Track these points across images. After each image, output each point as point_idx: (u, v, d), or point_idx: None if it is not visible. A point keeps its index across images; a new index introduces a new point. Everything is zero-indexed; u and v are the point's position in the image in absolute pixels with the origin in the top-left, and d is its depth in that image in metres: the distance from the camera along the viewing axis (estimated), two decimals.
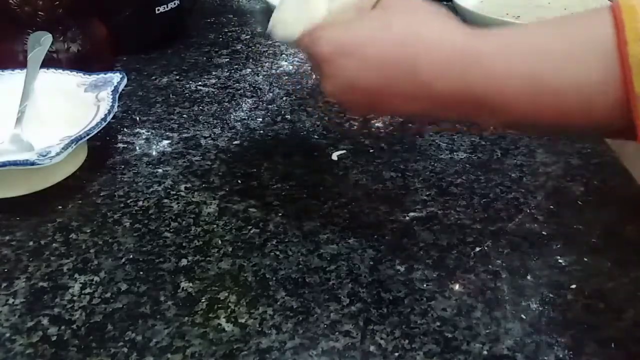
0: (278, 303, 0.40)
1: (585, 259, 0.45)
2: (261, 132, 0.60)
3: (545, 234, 0.47)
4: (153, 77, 0.71)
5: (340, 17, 0.40)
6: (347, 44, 0.39)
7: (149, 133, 0.59)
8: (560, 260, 0.44)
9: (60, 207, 0.48)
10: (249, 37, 0.84)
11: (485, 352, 0.37)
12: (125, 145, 0.57)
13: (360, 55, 0.39)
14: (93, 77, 0.56)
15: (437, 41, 0.38)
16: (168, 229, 0.46)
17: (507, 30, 0.38)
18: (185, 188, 0.51)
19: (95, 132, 0.48)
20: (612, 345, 0.38)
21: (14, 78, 0.57)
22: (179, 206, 0.49)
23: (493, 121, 0.39)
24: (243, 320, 0.38)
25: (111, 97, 0.53)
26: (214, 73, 0.72)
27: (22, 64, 0.58)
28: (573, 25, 0.36)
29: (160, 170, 0.53)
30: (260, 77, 0.72)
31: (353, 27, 0.40)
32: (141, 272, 0.42)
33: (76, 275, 0.42)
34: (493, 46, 0.36)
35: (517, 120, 0.37)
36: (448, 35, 0.38)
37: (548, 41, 0.35)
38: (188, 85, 0.69)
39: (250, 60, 0.76)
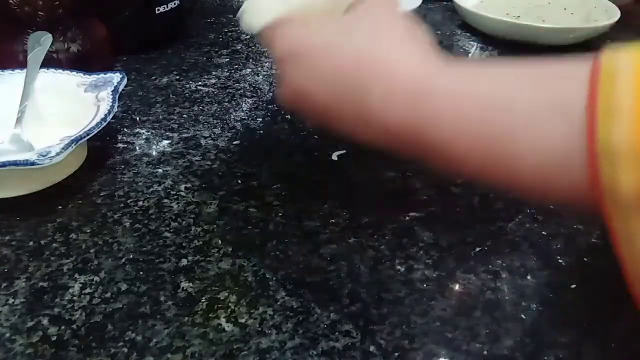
0: (278, 303, 0.40)
1: (585, 259, 0.45)
2: (261, 132, 0.60)
3: (545, 234, 0.47)
4: (153, 77, 0.71)
5: (310, 14, 0.37)
6: (301, 49, 0.36)
7: (149, 133, 0.59)
8: (560, 260, 0.44)
9: (60, 207, 0.48)
10: (249, 37, 0.84)
11: (485, 352, 0.37)
12: (125, 145, 0.57)
13: (312, 64, 0.36)
14: (93, 77, 0.57)
15: (393, 66, 0.33)
16: (168, 229, 0.46)
17: (474, 70, 0.33)
18: (185, 188, 0.51)
19: (95, 132, 0.48)
20: (612, 345, 0.38)
21: (14, 78, 0.57)
22: (179, 206, 0.49)
23: (448, 170, 0.34)
24: (243, 320, 0.38)
25: (111, 97, 0.53)
26: (214, 73, 0.72)
27: (22, 64, 0.58)
28: (543, 81, 0.30)
29: (160, 170, 0.53)
30: (260, 77, 0.72)
31: (314, 30, 0.36)
32: (141, 272, 0.42)
33: (76, 275, 0.42)
34: (451, 87, 0.32)
35: (472, 175, 0.33)
36: (408, 61, 0.33)
37: (511, 94, 0.30)
38: (188, 85, 0.69)
39: (250, 60, 0.76)
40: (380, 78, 0.33)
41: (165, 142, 0.58)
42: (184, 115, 0.63)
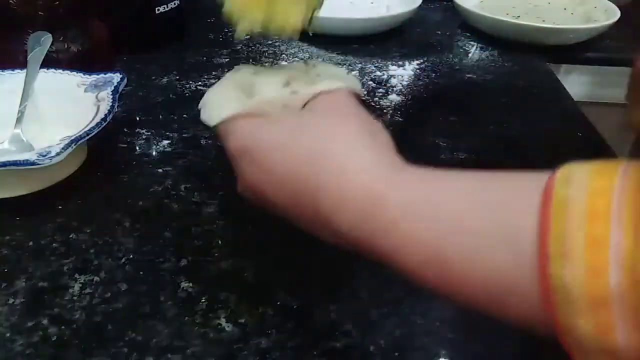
0: (278, 303, 0.40)
1: None
2: None
3: None
4: (153, 77, 0.71)
5: (269, 110, 0.37)
6: (253, 148, 0.35)
7: (149, 133, 0.59)
8: None
9: (60, 207, 0.48)
10: (248, 37, 0.84)
11: (485, 352, 0.37)
12: (125, 145, 0.57)
13: (264, 164, 0.35)
14: (93, 77, 0.56)
15: (344, 172, 0.32)
16: (168, 229, 0.46)
17: (427, 183, 0.32)
18: (185, 188, 0.51)
19: (95, 132, 0.48)
20: None
21: (14, 78, 0.57)
22: (179, 206, 0.49)
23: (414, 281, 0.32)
24: (243, 320, 0.38)
25: (111, 97, 0.53)
26: (214, 73, 0.72)
27: (22, 64, 0.58)
28: (494, 203, 0.28)
29: (160, 170, 0.53)
30: None
31: (266, 129, 0.35)
32: (141, 272, 0.42)
33: (76, 275, 0.42)
34: (402, 202, 0.30)
35: (429, 288, 0.31)
36: (359, 167, 0.32)
37: (461, 215, 0.29)
38: (188, 85, 0.69)
39: (250, 60, 0.76)
40: (330, 184, 0.32)
41: (165, 142, 0.58)
42: (184, 115, 0.63)
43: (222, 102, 0.38)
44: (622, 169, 0.25)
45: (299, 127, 0.35)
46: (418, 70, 0.76)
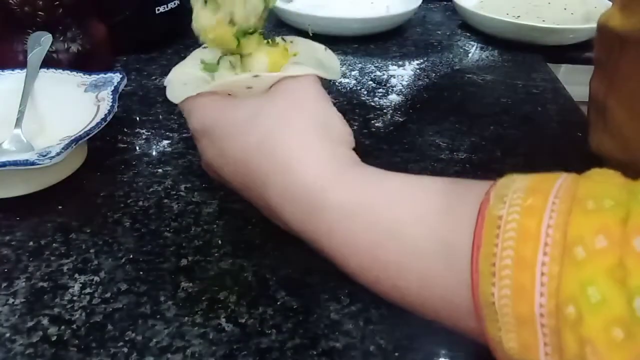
0: (278, 303, 0.40)
1: None
2: None
3: None
4: (153, 77, 0.71)
5: (233, 91, 0.36)
6: (212, 128, 0.36)
7: (149, 133, 0.59)
8: None
9: (60, 207, 0.48)
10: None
11: (485, 352, 0.37)
12: (125, 145, 0.57)
13: (221, 145, 0.35)
14: (93, 77, 0.56)
15: (291, 165, 0.32)
16: (168, 229, 0.46)
17: (371, 185, 0.31)
18: (185, 188, 0.51)
19: (95, 132, 0.48)
20: None
21: (14, 78, 0.57)
22: (179, 206, 0.49)
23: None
24: (243, 320, 0.38)
25: (111, 97, 0.53)
26: None
27: (22, 64, 0.58)
28: (434, 211, 0.28)
29: (160, 170, 0.53)
30: None
31: (225, 112, 0.35)
32: (141, 272, 0.42)
33: (76, 275, 0.42)
34: (343, 204, 0.30)
35: (372, 288, 0.32)
36: (306, 162, 0.32)
37: (400, 221, 0.29)
38: None
39: None
40: (276, 176, 0.32)
41: (165, 142, 0.58)
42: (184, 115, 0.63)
43: (187, 80, 0.38)
44: (557, 185, 0.25)
45: (255, 113, 0.34)
46: (418, 70, 0.76)
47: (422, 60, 0.79)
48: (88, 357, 0.36)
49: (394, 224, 0.29)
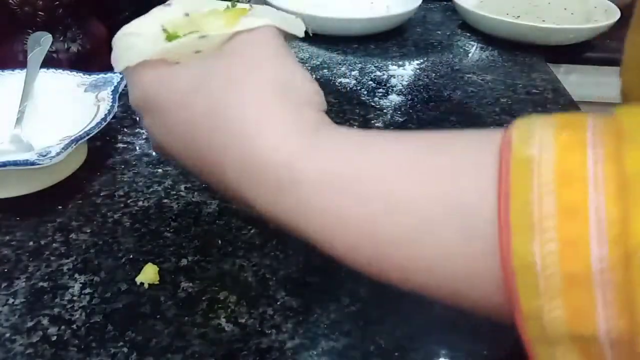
0: (278, 303, 0.40)
1: None
2: None
3: None
4: None
5: (174, 57, 0.31)
6: (153, 104, 0.30)
7: None
8: None
9: (60, 207, 0.48)
10: None
11: (485, 352, 0.37)
12: (125, 145, 0.57)
13: (164, 119, 0.30)
14: (93, 77, 0.57)
15: (249, 134, 0.26)
16: (168, 229, 0.46)
17: (351, 146, 0.26)
18: (185, 188, 0.51)
19: (95, 132, 0.48)
20: None
21: (14, 78, 0.57)
22: (179, 206, 0.49)
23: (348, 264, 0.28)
24: (243, 320, 0.38)
25: (111, 97, 0.53)
26: None
27: (22, 64, 0.58)
28: (438, 169, 0.23)
29: (160, 170, 0.53)
30: None
31: (167, 80, 0.30)
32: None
33: (76, 275, 0.42)
34: (320, 174, 0.25)
35: (365, 274, 0.27)
36: (265, 131, 0.26)
37: (394, 187, 0.24)
38: None
39: None
40: (233, 151, 0.26)
41: None
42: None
43: (132, 44, 0.32)
44: (590, 120, 0.21)
45: (203, 79, 0.28)
46: (418, 70, 0.76)
47: (422, 60, 0.79)
48: (88, 357, 0.36)
49: (390, 196, 0.24)
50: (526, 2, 0.95)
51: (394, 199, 0.24)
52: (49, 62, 0.59)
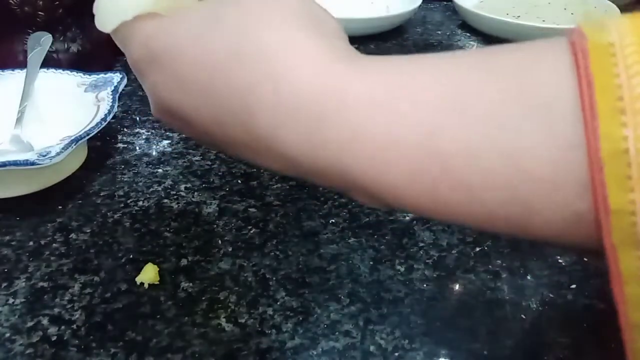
0: (278, 303, 0.40)
1: (585, 259, 0.45)
2: None
3: None
4: None
5: (175, 6, 0.27)
6: (159, 52, 0.26)
7: (149, 133, 0.59)
8: (560, 260, 0.44)
9: (60, 207, 0.48)
10: None
11: (485, 352, 0.37)
12: (125, 145, 0.57)
13: (174, 71, 0.26)
14: (93, 77, 0.57)
15: (281, 66, 0.23)
16: (168, 229, 0.46)
17: (404, 66, 0.23)
18: (185, 188, 0.51)
19: (95, 132, 0.48)
20: (612, 346, 0.38)
21: (14, 78, 0.57)
22: (179, 206, 0.49)
23: (386, 207, 0.25)
24: (243, 320, 0.38)
25: (111, 97, 0.53)
26: None
27: (22, 64, 0.58)
28: (505, 71, 0.21)
29: (160, 170, 0.53)
30: None
31: (174, 26, 0.26)
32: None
33: (76, 275, 0.42)
34: (370, 91, 0.22)
35: (420, 213, 0.23)
36: (302, 58, 0.23)
37: (462, 87, 0.21)
38: None
39: None
40: (262, 87, 0.23)
41: (165, 142, 0.58)
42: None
43: (120, 1, 0.29)
44: None
45: (216, 17, 0.25)
46: None
47: None
48: (88, 357, 0.36)
49: (457, 104, 0.21)
50: (526, 2, 0.95)
51: (463, 106, 0.21)
52: (49, 62, 0.59)
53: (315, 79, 0.23)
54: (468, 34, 0.89)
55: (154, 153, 0.56)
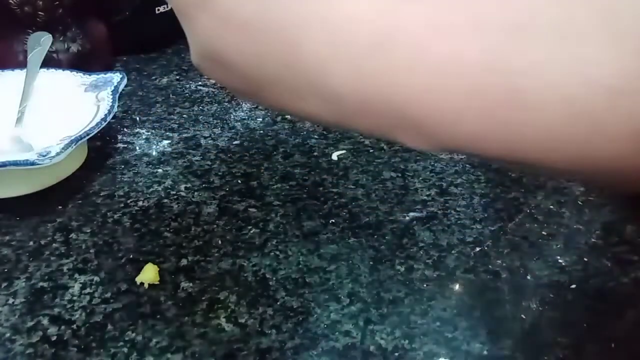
0: (278, 303, 0.40)
1: (585, 259, 0.45)
2: (261, 132, 0.60)
3: (545, 234, 0.47)
4: (153, 77, 0.71)
5: None
6: None
7: (149, 133, 0.59)
8: (560, 260, 0.44)
9: (60, 207, 0.48)
10: None
11: (485, 352, 0.37)
12: (125, 145, 0.57)
13: (220, 9, 0.25)
14: (93, 77, 0.57)
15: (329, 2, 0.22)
16: (168, 229, 0.46)
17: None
18: (185, 188, 0.51)
19: (95, 132, 0.48)
20: (612, 345, 0.38)
21: (14, 78, 0.57)
22: (179, 206, 0.49)
23: (432, 145, 0.23)
24: (243, 320, 0.38)
25: (111, 97, 0.53)
26: None
27: (22, 64, 0.58)
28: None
29: (160, 170, 0.53)
30: None
31: None
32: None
33: (76, 275, 0.42)
34: (429, 13, 0.21)
35: (472, 144, 0.22)
36: None
37: (526, 7, 0.19)
38: (188, 85, 0.69)
39: None
40: (313, 15, 0.22)
41: (165, 142, 0.58)
42: (184, 115, 0.63)
43: None
44: None
45: None
46: None
47: None
48: (88, 357, 0.36)
49: (521, 22, 0.19)
50: None
51: (524, 21, 0.19)
52: (49, 62, 0.60)
53: (370, 5, 0.21)
54: None
55: (154, 153, 0.56)
